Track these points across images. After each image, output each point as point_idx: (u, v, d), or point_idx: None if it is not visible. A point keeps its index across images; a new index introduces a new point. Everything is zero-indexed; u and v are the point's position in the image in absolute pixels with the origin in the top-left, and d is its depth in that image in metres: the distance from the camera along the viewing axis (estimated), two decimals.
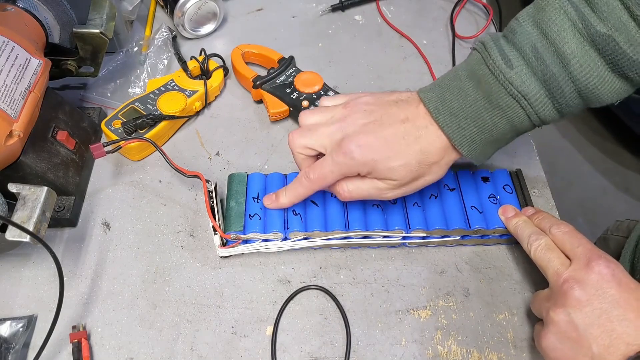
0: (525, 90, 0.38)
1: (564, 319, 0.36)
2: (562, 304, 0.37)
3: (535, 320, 0.44)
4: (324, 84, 0.58)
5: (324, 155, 0.42)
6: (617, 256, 0.55)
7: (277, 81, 0.58)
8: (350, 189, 0.43)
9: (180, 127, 0.58)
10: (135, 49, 0.62)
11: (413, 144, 0.40)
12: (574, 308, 0.36)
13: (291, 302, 0.45)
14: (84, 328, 0.43)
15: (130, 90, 0.59)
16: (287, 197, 0.46)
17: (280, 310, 0.44)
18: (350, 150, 0.40)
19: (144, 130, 0.53)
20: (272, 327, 0.44)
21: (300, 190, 0.45)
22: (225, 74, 0.61)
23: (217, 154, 0.55)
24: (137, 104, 0.55)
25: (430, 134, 0.41)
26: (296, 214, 0.46)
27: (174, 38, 0.65)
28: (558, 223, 0.43)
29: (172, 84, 0.57)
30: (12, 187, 0.39)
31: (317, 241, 0.46)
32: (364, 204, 0.47)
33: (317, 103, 0.56)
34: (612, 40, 0.36)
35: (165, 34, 0.63)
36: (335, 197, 0.48)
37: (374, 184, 0.42)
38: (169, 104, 0.55)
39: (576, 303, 0.36)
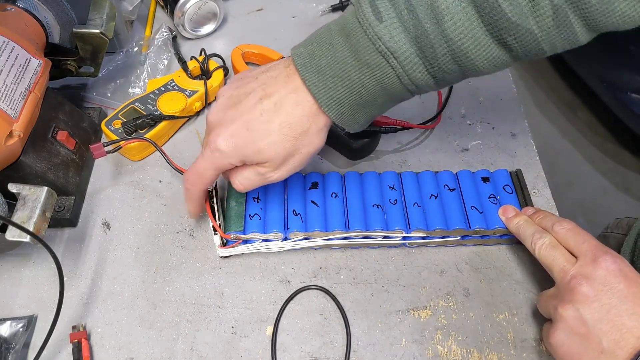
0: (394, 47, 0.34)
1: (573, 314, 0.36)
2: (570, 300, 0.37)
3: (536, 320, 0.44)
4: None
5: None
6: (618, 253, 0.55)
7: None
8: (241, 181, 0.41)
9: (181, 127, 0.58)
10: (136, 49, 0.62)
11: (273, 119, 0.38)
12: (582, 304, 0.36)
13: (291, 302, 0.45)
14: (84, 328, 0.43)
15: (130, 90, 0.59)
16: (188, 204, 0.45)
17: (280, 310, 0.44)
18: (216, 145, 0.39)
19: (144, 131, 0.53)
20: (272, 327, 0.44)
21: (186, 194, 0.44)
22: (226, 74, 0.61)
23: None
24: (137, 104, 0.55)
25: (289, 101, 0.38)
26: (296, 214, 0.46)
27: (174, 38, 0.65)
28: (560, 220, 0.42)
29: (172, 84, 0.57)
30: (12, 187, 0.39)
31: (317, 241, 0.46)
32: (364, 204, 0.47)
33: None
34: None
35: (165, 34, 0.63)
36: (335, 197, 0.48)
37: (255, 170, 0.40)
38: (169, 104, 0.55)
39: (584, 299, 0.36)
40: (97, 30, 0.50)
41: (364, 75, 0.36)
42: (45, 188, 0.39)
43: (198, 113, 0.59)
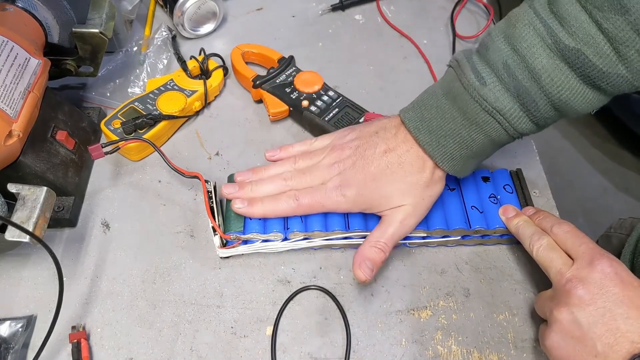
0: (499, 106, 0.39)
1: (568, 317, 0.36)
2: (566, 303, 0.37)
3: (536, 320, 0.44)
4: (324, 83, 0.58)
5: None
6: (619, 254, 0.56)
7: (277, 81, 0.58)
8: (383, 239, 0.43)
9: (180, 127, 0.58)
10: (135, 48, 0.62)
11: (398, 171, 0.43)
12: (577, 307, 0.36)
13: (291, 302, 0.45)
14: (84, 328, 0.43)
15: (129, 90, 0.59)
16: (262, 209, 0.45)
17: (280, 311, 0.44)
18: (343, 193, 0.43)
19: (143, 130, 0.53)
20: (272, 327, 0.44)
21: (282, 207, 0.45)
22: (225, 74, 0.61)
23: (217, 154, 0.55)
24: (136, 103, 0.55)
25: (412, 156, 0.43)
26: None
27: (174, 38, 0.65)
28: (559, 222, 0.43)
29: (172, 84, 0.57)
30: (12, 187, 0.39)
31: (317, 241, 0.46)
32: None
33: (317, 103, 0.56)
34: (582, 54, 0.36)
35: (164, 33, 0.63)
36: None
37: (390, 221, 0.43)
38: (168, 104, 0.55)
39: (580, 302, 0.36)
40: (97, 30, 0.50)
41: (473, 132, 0.41)
42: (45, 188, 0.39)
43: (197, 113, 0.59)
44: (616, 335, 0.35)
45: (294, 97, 0.56)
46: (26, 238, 0.37)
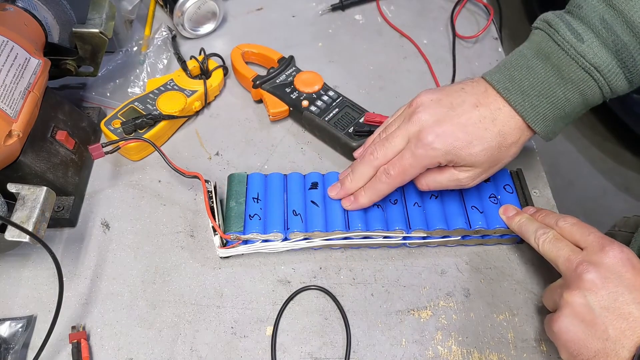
0: (597, 62, 0.39)
1: (580, 301, 0.36)
2: (577, 287, 0.36)
3: (537, 320, 0.44)
4: (324, 83, 0.58)
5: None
6: None
7: (277, 81, 0.58)
8: (429, 184, 0.43)
9: (180, 127, 0.58)
10: (135, 48, 0.62)
11: (491, 128, 0.41)
12: (589, 291, 0.36)
13: (291, 302, 0.45)
14: (84, 328, 0.43)
15: (129, 90, 0.59)
16: (367, 196, 0.45)
17: (280, 311, 0.44)
18: (429, 142, 0.41)
19: (143, 130, 0.53)
20: (272, 327, 0.43)
21: (380, 187, 0.44)
22: (225, 74, 0.61)
23: (217, 154, 0.55)
24: (136, 103, 0.54)
25: (505, 114, 0.41)
26: (296, 214, 0.46)
27: (174, 38, 0.65)
28: (564, 216, 0.42)
29: (172, 84, 0.57)
30: (12, 187, 0.39)
31: (317, 241, 0.46)
32: None
33: (317, 103, 0.56)
34: None
35: (164, 33, 0.63)
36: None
37: (452, 175, 0.43)
38: (168, 104, 0.55)
39: (591, 286, 0.36)
40: (97, 30, 0.50)
41: (568, 91, 0.40)
42: (45, 188, 0.39)
43: (197, 113, 0.59)
44: (628, 320, 0.34)
45: (294, 97, 0.56)
46: (26, 238, 0.37)
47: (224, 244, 0.46)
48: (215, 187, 0.48)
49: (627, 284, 0.35)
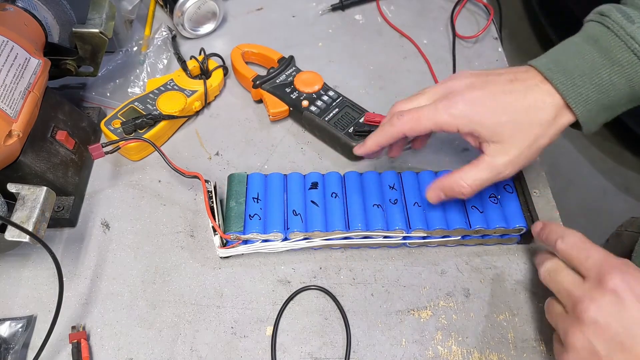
0: None
1: (584, 345, 0.33)
2: (580, 328, 0.34)
3: (537, 320, 0.44)
4: (324, 83, 0.58)
5: None
6: (630, 251, 0.54)
7: (277, 81, 0.58)
8: (468, 181, 0.40)
9: (180, 127, 0.58)
10: (135, 48, 0.62)
11: (521, 99, 0.39)
12: (593, 333, 0.33)
13: (291, 302, 0.45)
14: (84, 328, 0.43)
15: (129, 90, 0.59)
16: (373, 137, 0.43)
17: (280, 311, 0.44)
18: (455, 101, 0.39)
19: (143, 130, 0.53)
20: (272, 327, 0.43)
21: (387, 128, 0.42)
22: (225, 74, 0.61)
23: (217, 154, 0.55)
24: (136, 103, 0.54)
25: (541, 91, 0.39)
26: (296, 214, 0.46)
27: (174, 38, 0.65)
28: (563, 235, 0.39)
29: (172, 84, 0.57)
30: (12, 187, 0.39)
31: (317, 241, 0.46)
32: (364, 204, 0.47)
33: (317, 103, 0.56)
34: None
35: (164, 33, 0.63)
36: (335, 197, 0.47)
37: (488, 164, 0.40)
38: (168, 104, 0.55)
39: (595, 327, 0.33)
40: (97, 30, 0.50)
41: (614, 72, 0.38)
42: (45, 188, 0.39)
43: (197, 113, 0.59)
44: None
45: (294, 97, 0.56)
46: (26, 238, 0.37)
47: (224, 244, 0.46)
48: (215, 187, 0.48)
49: (632, 320, 0.32)
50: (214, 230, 0.45)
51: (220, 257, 0.47)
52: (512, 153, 0.39)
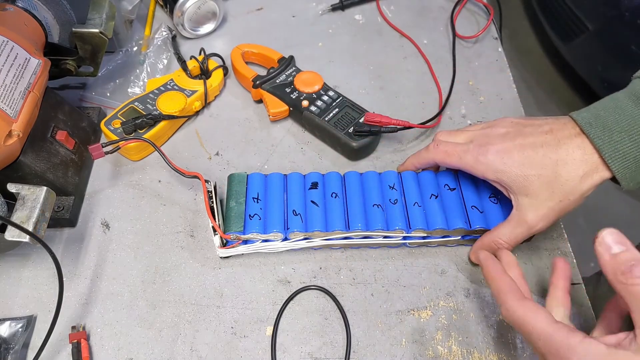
0: None
1: None
2: None
3: None
4: (324, 83, 0.58)
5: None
6: None
7: (277, 81, 0.58)
8: (504, 238, 0.42)
9: (180, 127, 0.58)
10: (135, 48, 0.62)
11: (551, 153, 0.39)
12: None
13: (291, 302, 0.45)
14: (84, 328, 0.43)
15: (129, 90, 0.59)
16: (410, 160, 0.49)
17: (280, 311, 0.44)
18: (485, 149, 0.42)
19: (143, 130, 0.53)
20: (272, 327, 0.43)
21: (423, 153, 0.47)
22: (225, 74, 0.61)
23: (217, 154, 0.55)
24: (136, 103, 0.55)
25: (573, 145, 0.39)
26: (296, 214, 0.46)
27: (174, 38, 0.65)
28: (554, 281, 0.39)
29: (172, 84, 0.57)
30: (12, 187, 0.39)
31: (317, 241, 0.46)
32: (364, 203, 0.47)
33: (317, 103, 0.56)
34: None
35: (164, 33, 0.63)
36: (335, 197, 0.47)
37: (518, 220, 0.41)
38: (168, 104, 0.55)
39: None
40: (97, 30, 0.50)
41: None
42: (45, 188, 0.39)
43: (197, 113, 0.59)
44: None
45: (294, 97, 0.56)
46: (26, 238, 0.37)
47: (224, 244, 0.46)
48: (215, 187, 0.48)
49: None
50: (214, 230, 0.45)
51: (220, 257, 0.47)
52: (541, 208, 0.40)
